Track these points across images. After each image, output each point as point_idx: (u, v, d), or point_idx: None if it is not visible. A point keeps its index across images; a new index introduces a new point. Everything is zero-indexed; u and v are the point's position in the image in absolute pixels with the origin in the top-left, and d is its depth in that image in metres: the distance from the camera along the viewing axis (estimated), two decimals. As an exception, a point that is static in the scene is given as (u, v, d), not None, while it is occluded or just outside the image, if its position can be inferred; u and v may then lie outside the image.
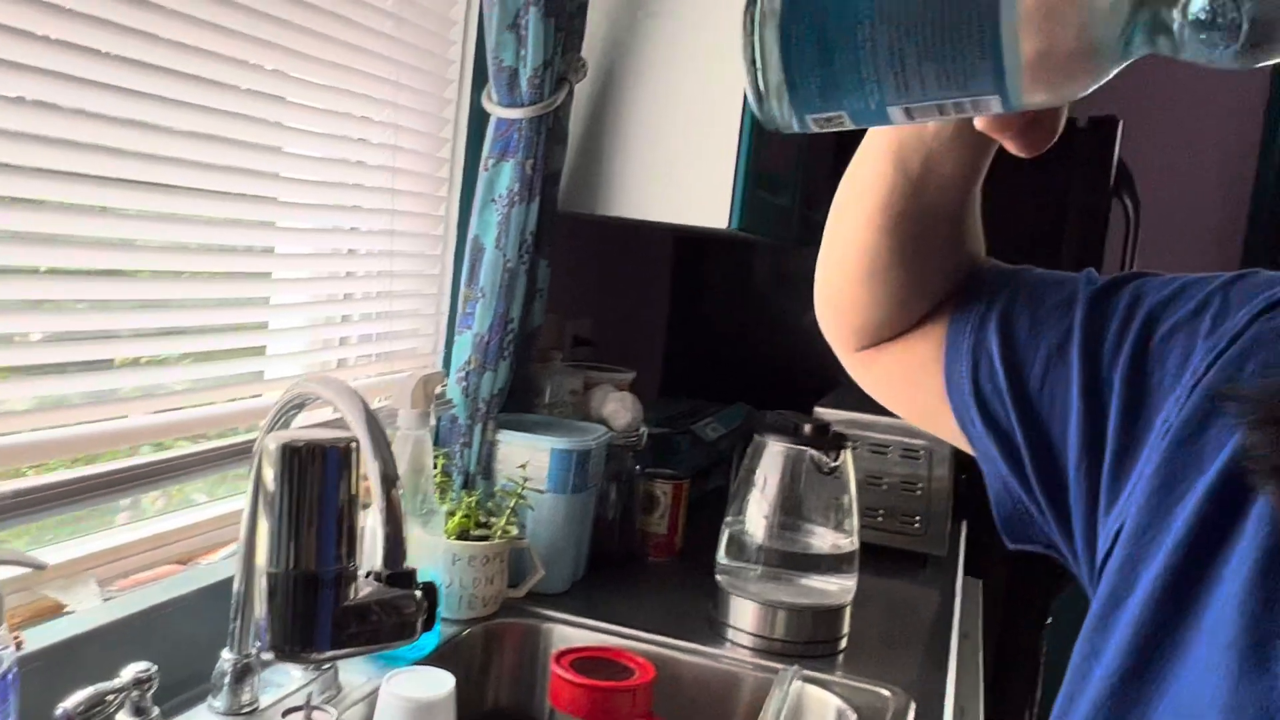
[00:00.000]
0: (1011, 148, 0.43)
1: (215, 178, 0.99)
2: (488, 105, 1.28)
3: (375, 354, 1.29)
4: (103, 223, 0.89)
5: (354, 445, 0.67)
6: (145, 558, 0.98)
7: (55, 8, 0.77)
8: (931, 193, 0.55)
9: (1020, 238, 1.95)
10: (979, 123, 0.43)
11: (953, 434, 0.60)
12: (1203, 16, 0.32)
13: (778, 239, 1.68)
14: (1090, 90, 0.37)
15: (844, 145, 0.62)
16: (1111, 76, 0.37)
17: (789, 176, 1.65)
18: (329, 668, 0.96)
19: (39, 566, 0.71)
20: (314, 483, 0.64)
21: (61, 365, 0.90)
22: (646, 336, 2.29)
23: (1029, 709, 2.18)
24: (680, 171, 1.41)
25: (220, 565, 1.01)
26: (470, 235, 1.29)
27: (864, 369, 0.68)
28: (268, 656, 0.64)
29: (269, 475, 0.65)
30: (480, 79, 1.31)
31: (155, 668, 0.76)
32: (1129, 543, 0.45)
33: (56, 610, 0.86)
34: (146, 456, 0.98)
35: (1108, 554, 0.48)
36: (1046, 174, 2.04)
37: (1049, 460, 0.52)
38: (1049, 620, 2.17)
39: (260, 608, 0.64)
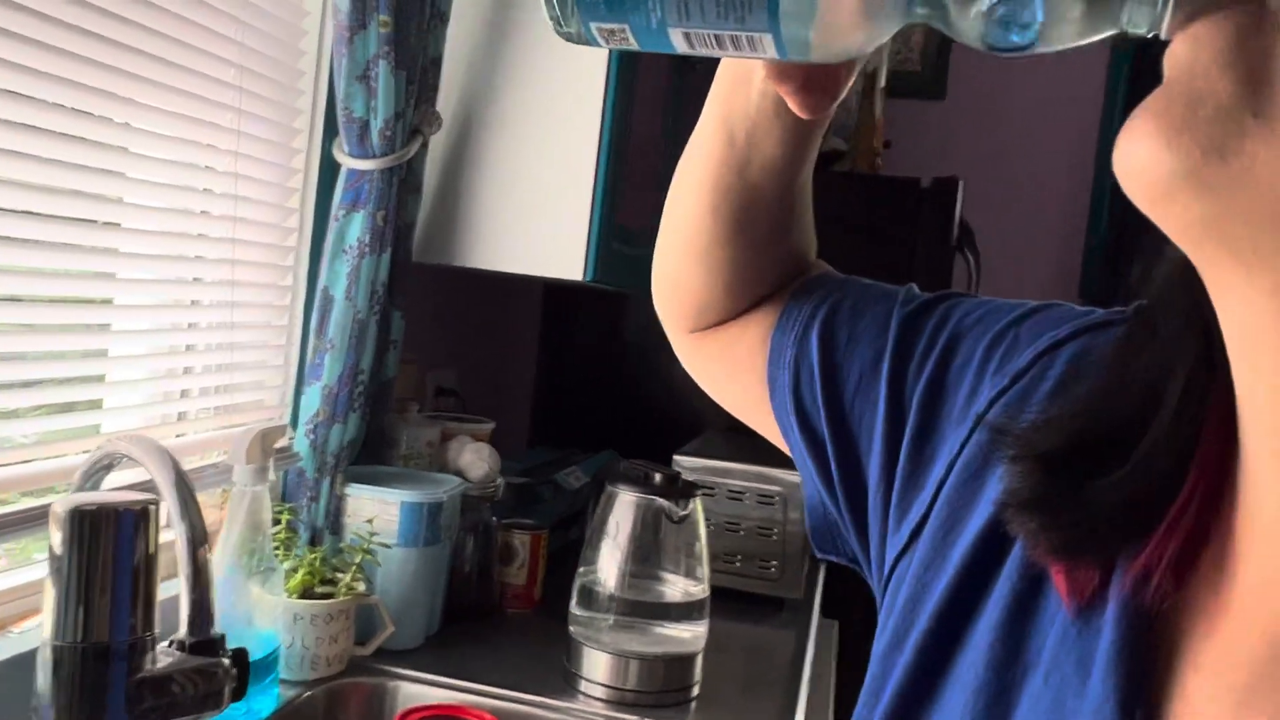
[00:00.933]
0: (792, 105, 0.42)
1: (53, 229, 0.93)
2: (338, 156, 1.24)
3: (218, 406, 1.23)
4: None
5: (153, 507, 0.63)
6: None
7: None
8: (755, 172, 0.54)
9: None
10: (765, 70, 0.42)
11: (771, 432, 0.59)
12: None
13: (631, 288, 1.68)
14: (862, 51, 0.36)
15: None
16: (883, 41, 0.36)
17: (648, 229, 1.66)
18: (150, 739, 0.89)
19: None
20: (106, 548, 0.60)
21: None
22: (515, 385, 2.26)
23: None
24: (537, 223, 1.40)
25: (32, 634, 0.94)
26: (320, 286, 1.25)
27: (692, 352, 0.66)
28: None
29: (57, 540, 0.60)
30: (332, 129, 1.28)
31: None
32: (914, 581, 0.45)
33: None
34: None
35: (889, 574, 0.48)
36: (893, 231, 2.11)
37: (855, 476, 0.52)
38: (906, 657, 2.21)
39: (44, 683, 0.59)
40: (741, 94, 0.51)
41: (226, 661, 0.65)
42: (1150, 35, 0.29)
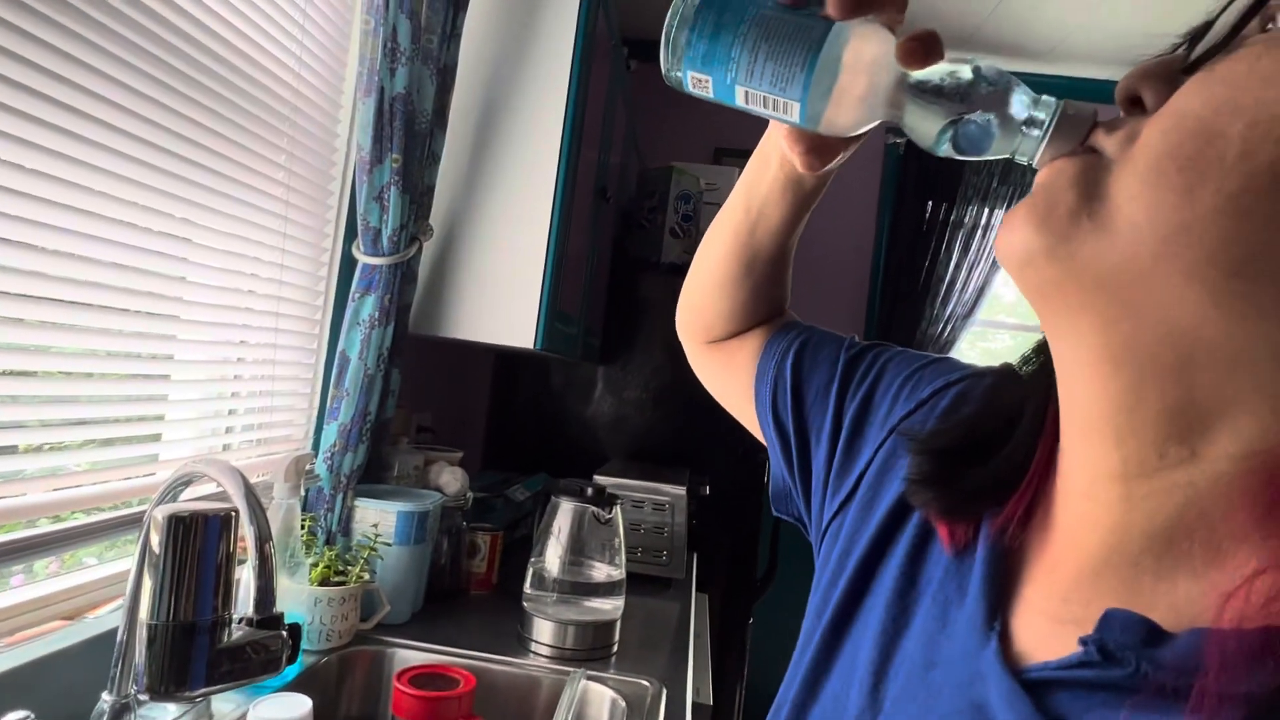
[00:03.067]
0: (799, 163, 0.43)
1: (130, 299, 0.87)
2: (356, 254, 1.21)
3: (257, 439, 1.16)
4: (16, 332, 0.76)
5: (234, 514, 0.58)
6: (31, 617, 0.80)
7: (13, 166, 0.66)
8: (760, 233, 0.55)
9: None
10: (784, 134, 0.43)
11: (748, 421, 0.60)
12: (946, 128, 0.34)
13: (567, 356, 1.68)
14: (853, 131, 0.38)
15: (611, 301, 0.62)
16: (868, 128, 0.38)
17: (576, 314, 1.67)
18: (201, 700, 0.81)
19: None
20: (196, 546, 0.55)
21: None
22: (473, 424, 2.20)
23: (740, 683, 2.20)
24: (501, 307, 1.39)
25: (105, 619, 0.85)
26: (339, 349, 1.20)
27: (701, 360, 0.65)
28: (144, 698, 0.53)
29: (155, 541, 0.55)
30: (351, 234, 1.24)
31: (32, 715, 0.61)
32: (845, 539, 0.45)
33: (-62, 668, 0.68)
34: (43, 528, 0.81)
35: (825, 531, 0.48)
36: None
37: (806, 461, 0.53)
38: (750, 620, 2.21)
39: (139, 655, 0.53)
40: (760, 176, 0.52)
41: (284, 633, 0.60)
42: (1027, 162, 0.33)
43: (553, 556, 1.20)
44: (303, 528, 1.06)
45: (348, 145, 1.25)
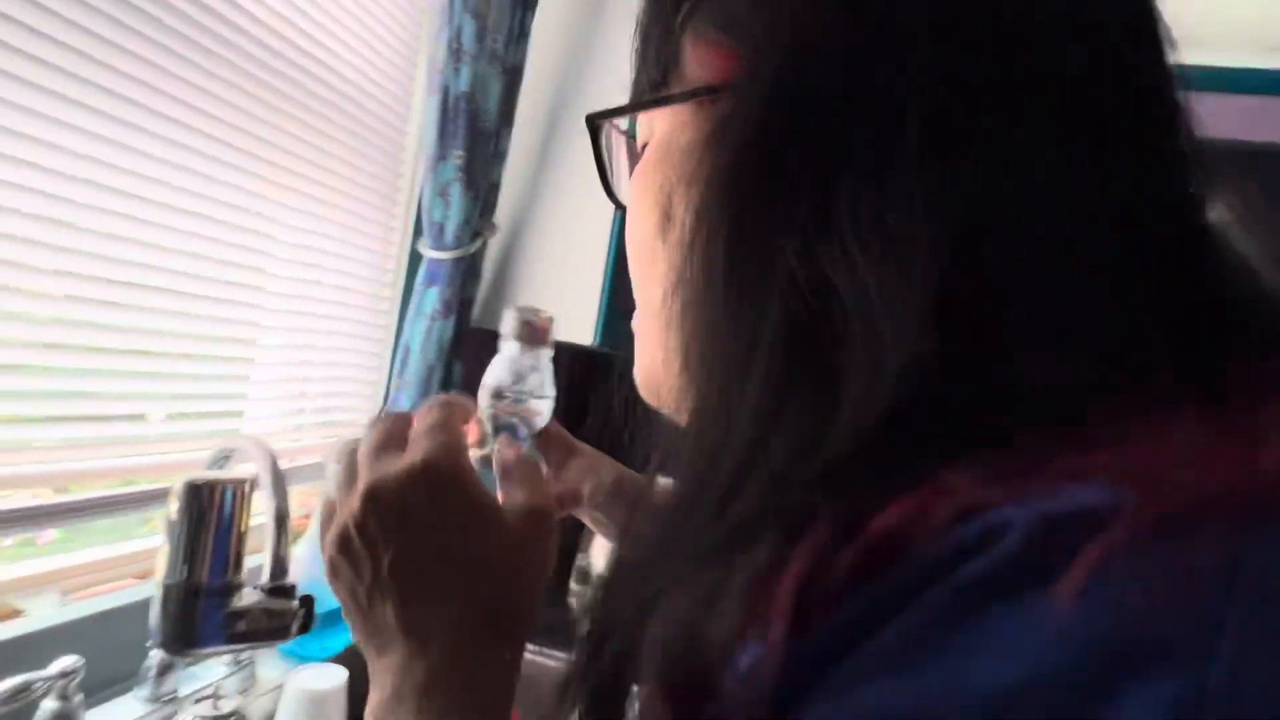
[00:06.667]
0: None
1: (221, 290, 0.95)
2: (421, 249, 1.25)
3: (325, 422, 1.22)
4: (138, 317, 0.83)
5: (247, 483, 0.61)
6: (105, 573, 0.88)
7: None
8: None
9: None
10: None
11: None
12: None
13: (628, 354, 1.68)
14: None
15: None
16: None
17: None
18: (247, 663, 0.86)
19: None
20: (210, 511, 0.58)
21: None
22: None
23: None
24: (564, 301, 1.40)
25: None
26: (402, 341, 1.25)
27: None
28: (156, 652, 0.56)
29: (174, 506, 0.58)
30: (418, 229, 1.29)
31: (82, 661, 0.66)
32: None
33: (12, 615, 0.75)
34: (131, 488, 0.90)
35: None
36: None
37: None
38: None
39: (154, 612, 0.57)
40: None
41: (294, 603, 0.62)
42: None
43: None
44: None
45: (417, 143, 1.30)
